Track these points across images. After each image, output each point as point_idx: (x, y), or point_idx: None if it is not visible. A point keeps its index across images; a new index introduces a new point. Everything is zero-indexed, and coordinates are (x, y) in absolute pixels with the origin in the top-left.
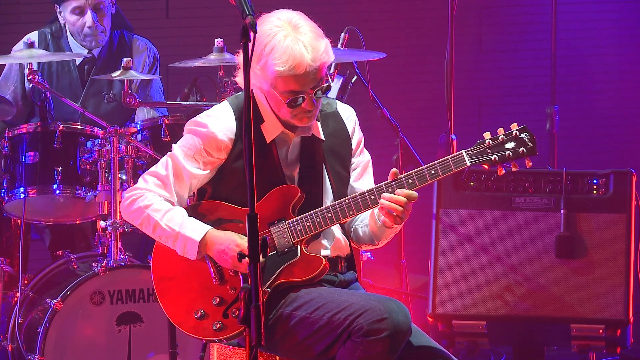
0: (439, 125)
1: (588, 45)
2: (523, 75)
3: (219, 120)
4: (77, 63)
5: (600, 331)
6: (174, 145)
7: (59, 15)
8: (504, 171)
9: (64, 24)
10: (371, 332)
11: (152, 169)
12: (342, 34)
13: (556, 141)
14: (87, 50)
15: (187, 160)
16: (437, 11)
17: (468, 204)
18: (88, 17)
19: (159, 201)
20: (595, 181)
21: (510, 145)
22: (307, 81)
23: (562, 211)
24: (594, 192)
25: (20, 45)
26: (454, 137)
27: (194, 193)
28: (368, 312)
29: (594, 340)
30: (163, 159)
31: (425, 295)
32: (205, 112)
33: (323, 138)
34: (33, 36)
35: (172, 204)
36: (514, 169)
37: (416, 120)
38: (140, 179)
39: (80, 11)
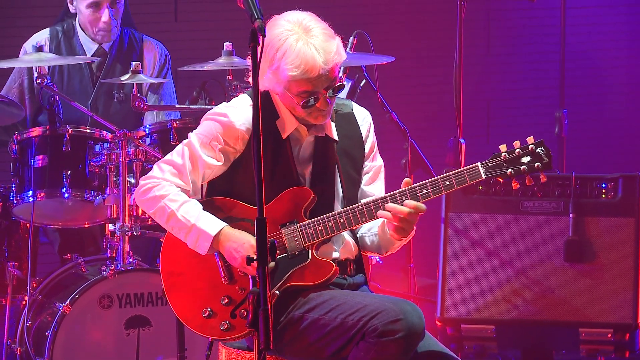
0: (448, 129)
1: (597, 49)
2: (532, 79)
3: (238, 110)
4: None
5: (609, 335)
6: (190, 134)
7: (69, 5)
8: (518, 185)
9: (75, 14)
10: (385, 333)
11: (168, 157)
12: (351, 37)
13: (565, 145)
14: (96, 46)
15: (204, 149)
16: (446, 15)
17: (477, 208)
18: (105, 13)
19: (176, 192)
20: (604, 185)
21: (526, 159)
22: (320, 82)
23: (570, 215)
24: (603, 196)
25: (29, 48)
26: (462, 140)
27: (202, 185)
28: (382, 314)
29: (603, 344)
30: (179, 147)
31: (433, 299)
32: (223, 103)
33: (337, 139)
34: (44, 34)
35: (188, 193)
36: (528, 183)
37: (425, 124)
38: (155, 167)
39: (96, 6)
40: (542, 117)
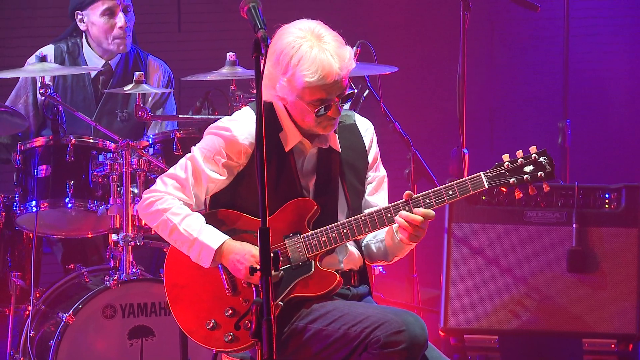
0: (451, 139)
1: (600, 59)
2: (535, 89)
3: (241, 124)
4: (92, 76)
5: (612, 346)
6: (193, 147)
7: (79, 23)
8: (521, 194)
9: (85, 32)
10: (388, 344)
11: (171, 170)
12: (354, 47)
13: (568, 155)
14: (103, 62)
15: (207, 163)
16: (449, 25)
17: (480, 218)
18: (120, 18)
19: (178, 205)
20: (607, 195)
21: (528, 168)
22: (334, 89)
23: (574, 225)
24: (606, 206)
25: (33, 58)
26: (465, 150)
27: (206, 198)
28: (385, 325)
29: (606, 355)
30: (182, 161)
31: (437, 310)
32: (226, 117)
33: (340, 150)
34: (48, 50)
35: (191, 206)
36: (531, 192)
37: (428, 134)
38: (158, 181)
39: (110, 13)
40: (545, 126)
